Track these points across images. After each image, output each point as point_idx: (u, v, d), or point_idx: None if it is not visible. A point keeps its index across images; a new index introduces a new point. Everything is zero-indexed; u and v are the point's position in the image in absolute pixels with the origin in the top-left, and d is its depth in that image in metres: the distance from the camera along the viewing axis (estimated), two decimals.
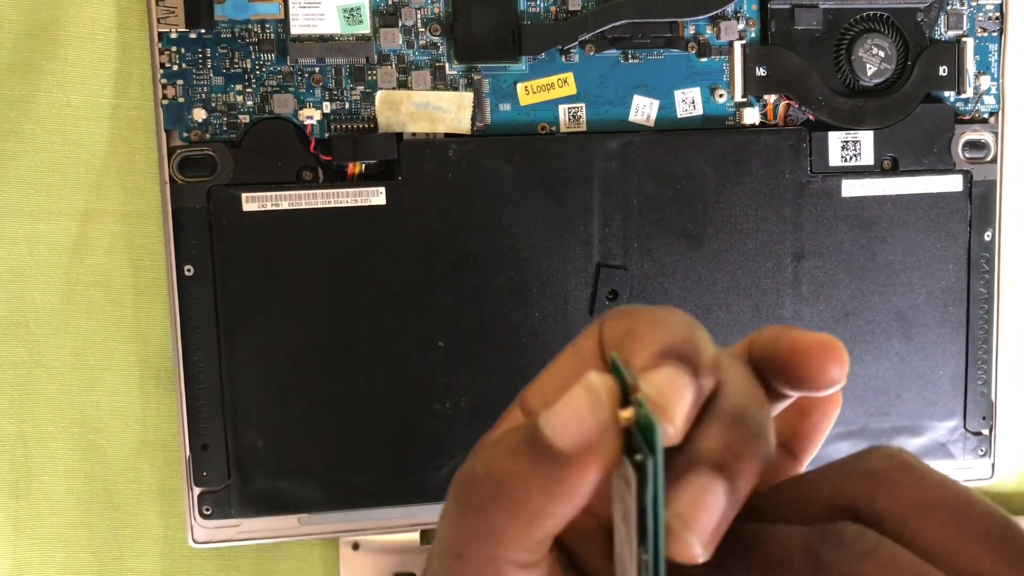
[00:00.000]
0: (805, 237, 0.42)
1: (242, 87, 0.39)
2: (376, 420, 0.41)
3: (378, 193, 0.40)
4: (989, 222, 0.44)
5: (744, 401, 0.19)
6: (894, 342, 0.44)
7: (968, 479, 0.46)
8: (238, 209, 0.39)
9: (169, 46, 0.39)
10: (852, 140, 0.43)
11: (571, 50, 0.41)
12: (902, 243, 0.43)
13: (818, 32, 0.42)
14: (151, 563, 0.42)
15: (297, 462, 0.40)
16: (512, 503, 0.18)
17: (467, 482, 0.19)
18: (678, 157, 0.41)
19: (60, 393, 0.41)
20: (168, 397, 0.41)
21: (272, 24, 0.39)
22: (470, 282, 0.41)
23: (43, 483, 0.42)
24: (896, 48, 0.43)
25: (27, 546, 0.42)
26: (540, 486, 0.18)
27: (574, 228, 0.41)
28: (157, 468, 0.42)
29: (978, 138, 0.44)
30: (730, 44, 0.42)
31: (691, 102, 0.42)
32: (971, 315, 0.44)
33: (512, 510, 0.18)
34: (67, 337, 0.41)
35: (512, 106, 0.41)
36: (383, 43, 0.40)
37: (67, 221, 0.40)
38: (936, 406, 0.44)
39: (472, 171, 0.40)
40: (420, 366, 0.41)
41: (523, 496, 0.18)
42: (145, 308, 0.41)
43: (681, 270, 0.42)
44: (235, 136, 0.39)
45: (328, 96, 0.40)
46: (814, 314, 0.43)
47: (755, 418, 0.19)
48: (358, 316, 0.40)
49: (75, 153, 0.40)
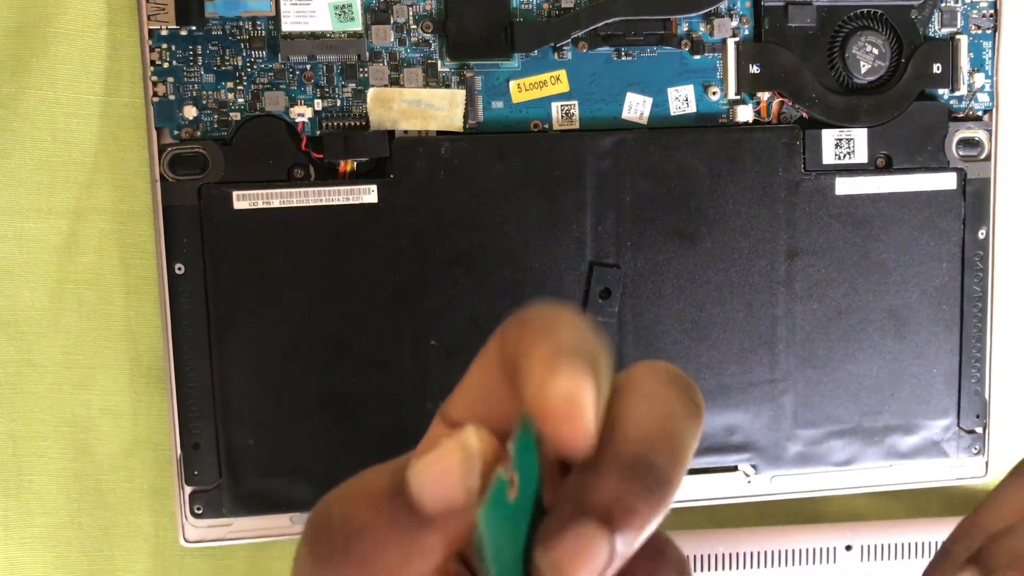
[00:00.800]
0: (798, 235, 0.42)
1: (233, 84, 0.39)
2: (368, 419, 0.41)
3: (370, 191, 0.40)
4: (983, 220, 0.44)
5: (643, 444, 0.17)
6: (888, 340, 0.44)
7: (961, 477, 0.46)
8: (229, 207, 0.39)
9: (160, 43, 0.38)
10: (846, 138, 0.42)
11: (564, 47, 0.41)
12: (896, 241, 0.43)
13: (811, 29, 0.42)
14: (142, 562, 0.42)
15: (289, 461, 0.40)
16: (363, 561, 0.17)
17: (320, 526, 0.18)
18: (671, 155, 0.41)
19: (50, 392, 0.41)
20: (159, 396, 0.41)
21: (263, 21, 0.39)
22: (462, 280, 0.40)
23: (33, 482, 0.41)
24: (890, 45, 0.42)
25: (17, 546, 0.41)
26: (396, 545, 0.17)
27: (567, 226, 0.41)
28: (148, 467, 0.42)
29: (972, 136, 0.44)
30: (723, 41, 0.42)
31: (684, 100, 0.42)
32: (965, 313, 0.44)
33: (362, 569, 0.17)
34: (57, 336, 0.41)
35: (505, 104, 0.41)
36: (375, 40, 0.40)
37: (57, 219, 0.40)
38: (930, 404, 0.44)
39: (464, 169, 0.40)
40: (412, 365, 0.41)
41: (376, 554, 0.17)
42: (136, 307, 0.41)
43: (674, 268, 0.42)
44: (226, 134, 0.39)
45: (319, 93, 0.40)
46: (807, 312, 0.43)
47: (656, 467, 0.17)
48: (350, 315, 0.40)
49: (65, 151, 0.40)
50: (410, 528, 0.17)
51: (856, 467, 0.44)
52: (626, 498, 0.17)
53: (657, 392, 0.19)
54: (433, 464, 0.17)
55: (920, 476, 0.45)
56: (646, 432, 0.18)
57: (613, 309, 0.41)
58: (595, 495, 0.17)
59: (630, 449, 0.17)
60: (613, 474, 0.17)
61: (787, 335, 0.43)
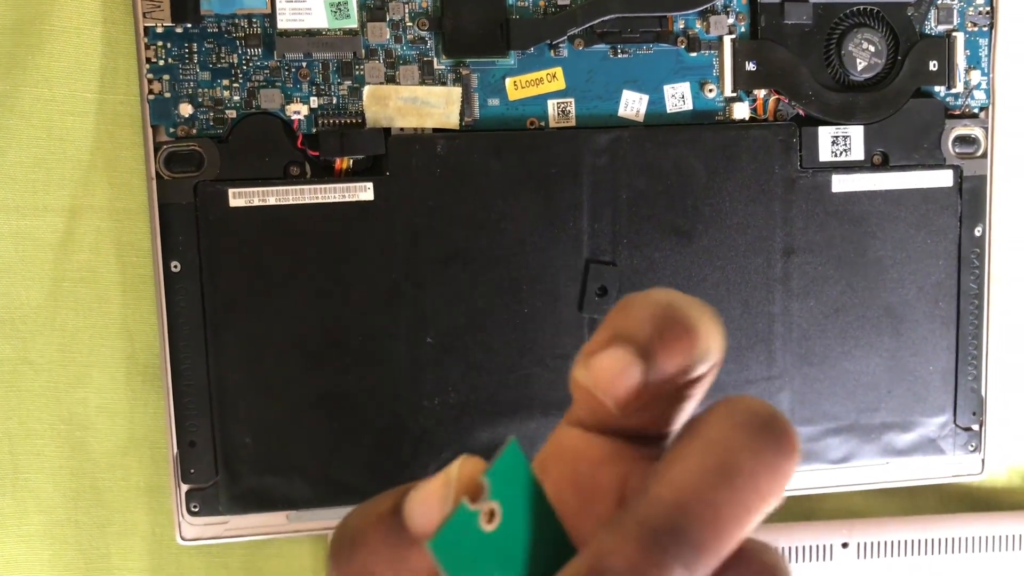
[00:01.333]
0: (795, 232, 0.42)
1: (229, 82, 0.39)
2: (365, 416, 0.41)
3: (366, 188, 0.39)
4: (979, 217, 0.44)
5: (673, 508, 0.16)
6: (884, 338, 0.44)
7: (958, 475, 0.46)
8: (225, 205, 0.39)
9: (155, 41, 0.38)
10: (842, 135, 0.42)
11: (560, 45, 0.41)
12: (892, 238, 0.43)
13: (808, 27, 0.42)
14: (139, 561, 0.42)
15: (285, 459, 0.40)
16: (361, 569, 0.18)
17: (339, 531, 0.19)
18: (667, 152, 0.41)
19: (46, 390, 0.41)
20: (155, 394, 0.41)
21: (259, 18, 0.39)
22: (459, 278, 0.40)
23: (29, 480, 0.41)
24: (886, 43, 0.42)
25: (13, 544, 0.41)
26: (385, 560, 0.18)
27: (563, 224, 0.41)
28: (144, 465, 0.42)
29: (968, 133, 0.44)
30: (719, 39, 0.42)
31: (680, 97, 0.42)
32: (961, 311, 0.44)
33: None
34: (53, 334, 0.41)
35: (501, 101, 0.41)
36: (370, 38, 0.40)
37: (53, 217, 0.40)
38: (926, 402, 0.44)
39: (461, 166, 0.40)
40: (409, 362, 0.41)
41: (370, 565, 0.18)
42: (132, 305, 0.41)
43: (671, 266, 0.42)
44: (222, 131, 0.39)
45: (315, 91, 0.40)
46: (804, 309, 0.43)
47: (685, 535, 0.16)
48: (346, 312, 0.40)
49: (61, 149, 0.40)
50: (400, 545, 0.18)
51: (853, 464, 0.44)
52: (644, 567, 0.16)
53: (722, 440, 0.17)
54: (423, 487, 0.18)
55: (916, 473, 0.45)
56: (683, 494, 0.16)
57: (609, 307, 0.41)
58: (611, 559, 0.16)
59: (656, 512, 0.16)
60: (632, 539, 0.16)
61: (784, 332, 0.43)
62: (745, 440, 0.17)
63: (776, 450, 0.17)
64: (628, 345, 0.18)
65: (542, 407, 0.41)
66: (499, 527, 0.16)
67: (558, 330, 0.41)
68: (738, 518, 0.16)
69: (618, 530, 0.16)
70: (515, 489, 0.17)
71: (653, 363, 0.18)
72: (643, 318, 0.18)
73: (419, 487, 0.17)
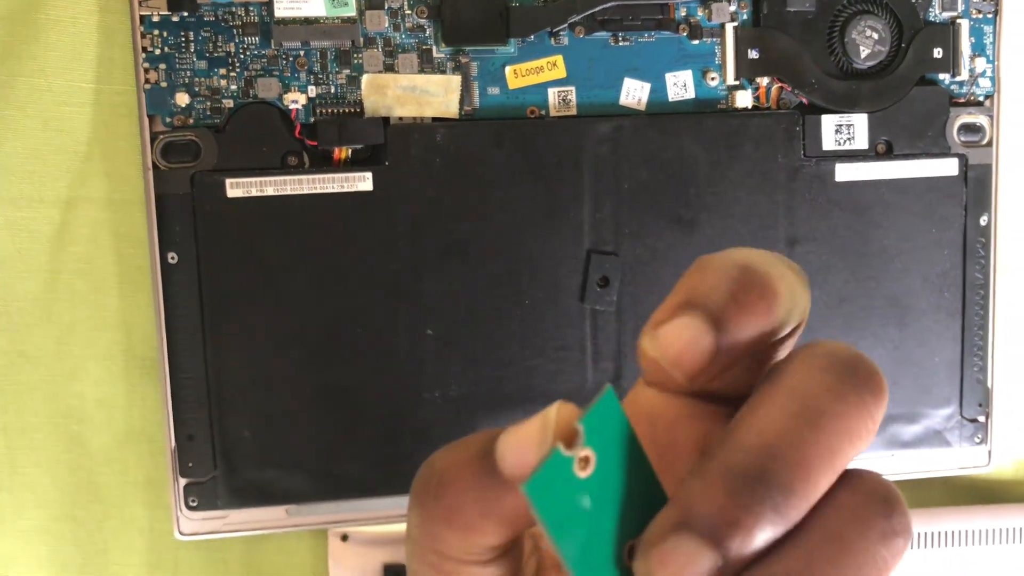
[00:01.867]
0: (798, 222, 0.42)
1: (226, 71, 0.39)
2: (365, 409, 0.40)
3: (365, 178, 0.39)
4: (985, 206, 0.43)
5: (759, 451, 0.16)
6: (889, 328, 0.43)
7: (964, 467, 0.45)
8: (222, 195, 0.38)
9: (151, 29, 0.38)
10: (846, 123, 0.42)
11: (560, 32, 0.40)
12: (897, 228, 0.43)
13: (811, 14, 0.41)
14: (137, 555, 0.42)
15: (284, 452, 0.40)
16: (448, 511, 0.18)
17: (423, 474, 0.19)
18: (670, 141, 0.41)
19: (43, 383, 0.41)
20: (153, 387, 0.41)
21: (256, 7, 0.38)
22: (459, 269, 0.40)
23: (27, 475, 0.41)
24: (890, 30, 0.42)
25: (11, 539, 0.41)
26: (474, 500, 0.17)
27: (564, 214, 0.40)
28: (142, 459, 0.41)
29: (973, 121, 0.43)
30: (722, 26, 0.41)
31: (683, 85, 0.41)
32: (967, 301, 0.44)
33: (447, 517, 0.18)
34: (50, 326, 0.40)
35: (501, 89, 0.40)
36: (369, 26, 0.39)
37: (49, 208, 0.40)
38: (932, 393, 0.44)
39: (460, 156, 0.40)
40: (409, 354, 0.40)
41: (458, 506, 0.18)
42: (129, 296, 0.40)
43: (673, 256, 0.41)
44: (219, 121, 0.39)
45: (313, 80, 0.39)
46: None
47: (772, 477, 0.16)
48: (345, 304, 0.40)
49: (57, 139, 0.39)
50: (491, 487, 0.17)
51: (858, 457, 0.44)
52: (732, 511, 0.16)
53: (804, 384, 0.17)
54: (517, 430, 0.17)
55: (922, 465, 0.45)
56: (768, 437, 0.16)
57: (611, 298, 0.41)
58: (699, 506, 0.16)
59: (741, 458, 0.16)
60: (719, 484, 0.16)
61: None
62: (830, 382, 0.17)
63: (862, 391, 0.17)
64: (699, 312, 0.17)
65: (544, 399, 0.41)
66: (593, 474, 0.16)
67: (559, 321, 0.41)
68: (826, 460, 0.17)
69: (705, 477, 0.16)
70: (610, 437, 0.17)
71: (726, 331, 0.17)
72: (716, 281, 0.17)
73: (513, 430, 0.17)
